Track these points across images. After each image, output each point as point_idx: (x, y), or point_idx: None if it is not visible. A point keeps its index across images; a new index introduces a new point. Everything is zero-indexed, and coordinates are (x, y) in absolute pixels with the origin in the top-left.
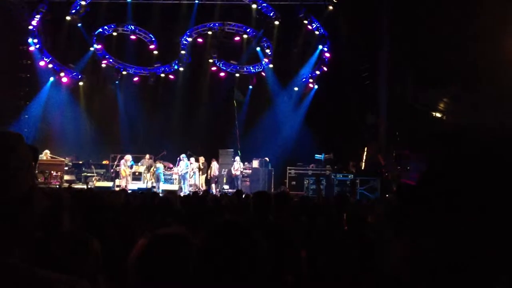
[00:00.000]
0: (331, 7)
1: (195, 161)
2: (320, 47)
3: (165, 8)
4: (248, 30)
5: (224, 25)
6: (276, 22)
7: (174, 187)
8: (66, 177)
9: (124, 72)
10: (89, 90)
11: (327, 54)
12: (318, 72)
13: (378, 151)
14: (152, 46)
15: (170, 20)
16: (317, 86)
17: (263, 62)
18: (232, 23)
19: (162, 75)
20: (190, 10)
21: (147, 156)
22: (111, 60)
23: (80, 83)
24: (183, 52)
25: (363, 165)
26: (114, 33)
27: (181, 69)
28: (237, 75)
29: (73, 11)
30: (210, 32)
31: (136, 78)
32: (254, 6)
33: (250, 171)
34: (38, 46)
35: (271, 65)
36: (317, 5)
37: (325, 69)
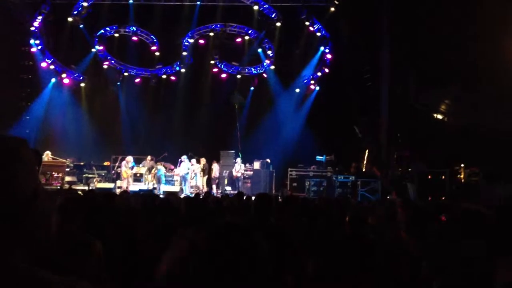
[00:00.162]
0: (332, 9)
1: (197, 163)
2: (322, 48)
3: (167, 10)
4: (249, 32)
5: (225, 27)
6: (278, 24)
7: (175, 188)
8: (67, 178)
9: (126, 74)
10: (91, 92)
11: (329, 56)
12: (319, 74)
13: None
14: (153, 48)
15: (172, 22)
16: (318, 88)
17: (265, 64)
18: (233, 25)
19: (164, 76)
20: (192, 12)
21: (149, 157)
22: (112, 62)
23: (82, 84)
24: (184, 53)
25: (364, 167)
26: (116, 35)
27: (183, 70)
28: (238, 76)
29: (75, 12)
30: (211, 34)
31: (137, 80)
32: (255, 7)
33: (251, 172)
34: (40, 47)
35: (272, 67)
36: (318, 6)
37: (326, 70)
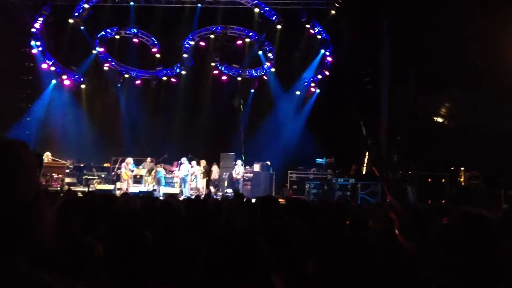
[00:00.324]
0: (333, 12)
1: (197, 165)
2: (322, 51)
3: (168, 12)
4: (250, 34)
5: (226, 29)
6: (279, 26)
7: (175, 190)
8: (67, 180)
9: (126, 75)
10: (91, 93)
11: (329, 58)
12: (320, 76)
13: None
14: (154, 49)
15: (173, 24)
16: (319, 90)
17: (265, 66)
18: (234, 27)
19: (164, 78)
20: (193, 14)
21: (149, 159)
22: (113, 63)
23: (82, 85)
24: (185, 55)
25: (364, 170)
26: (117, 36)
27: (183, 72)
28: (239, 78)
29: (76, 14)
30: (212, 36)
31: (138, 81)
32: (256, 10)
33: (251, 174)
34: (40, 48)
35: (273, 69)
36: (319, 9)
37: (327, 73)
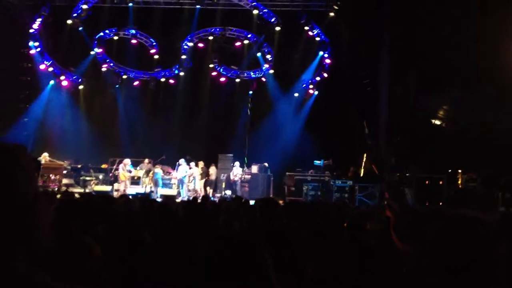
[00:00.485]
0: (332, 14)
1: (195, 166)
2: (321, 53)
3: (167, 13)
4: (249, 36)
5: (225, 30)
6: (277, 28)
7: (173, 191)
8: (64, 181)
9: (125, 76)
10: (89, 94)
11: (328, 60)
12: (318, 78)
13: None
14: (153, 51)
15: (171, 25)
16: (317, 92)
17: (264, 68)
18: (233, 29)
19: (163, 79)
20: (192, 15)
21: (146, 160)
22: (111, 64)
23: (80, 86)
24: (184, 56)
25: (362, 172)
26: (115, 37)
27: (182, 73)
28: (237, 80)
29: (75, 14)
30: (211, 37)
31: (136, 82)
32: (255, 11)
33: (249, 176)
34: (39, 49)
35: (271, 71)
36: (318, 11)
37: (325, 75)
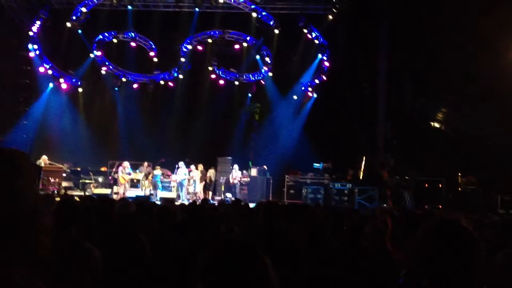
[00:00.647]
0: (330, 17)
1: (195, 169)
2: (320, 56)
3: (165, 16)
4: (248, 38)
5: (224, 33)
6: (276, 31)
7: (172, 194)
8: (64, 184)
9: (124, 79)
10: (89, 97)
11: (327, 63)
12: (317, 81)
13: (380, 164)
14: (152, 53)
15: (170, 28)
16: (316, 95)
17: (263, 71)
18: (232, 31)
19: (162, 82)
20: (190, 18)
21: (146, 163)
22: (111, 67)
23: (80, 89)
24: (182, 59)
25: (361, 175)
26: (114, 40)
27: (181, 76)
28: (236, 83)
29: (74, 17)
30: (210, 40)
31: (135, 85)
32: (254, 14)
33: (248, 179)
34: (38, 52)
35: (270, 74)
36: (317, 14)
37: (324, 78)
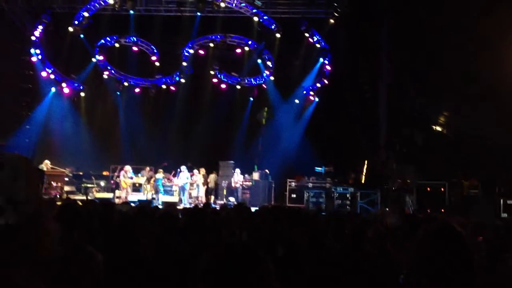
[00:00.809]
0: (332, 21)
1: (198, 173)
2: (321, 60)
3: (167, 20)
4: (249, 43)
5: (225, 37)
6: (278, 35)
7: (174, 198)
8: (66, 188)
9: (126, 83)
10: (91, 101)
11: (328, 67)
12: (319, 85)
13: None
14: (154, 58)
15: (172, 32)
16: (318, 99)
17: (264, 74)
18: (233, 35)
19: (164, 86)
20: (192, 22)
21: (147, 168)
22: (112, 71)
23: (82, 93)
24: (184, 63)
25: (363, 178)
26: (116, 45)
27: (183, 80)
28: (238, 87)
29: (76, 22)
30: (211, 44)
31: (137, 89)
32: (255, 18)
33: (250, 183)
34: (40, 56)
35: (272, 78)
36: (318, 18)
37: (326, 81)
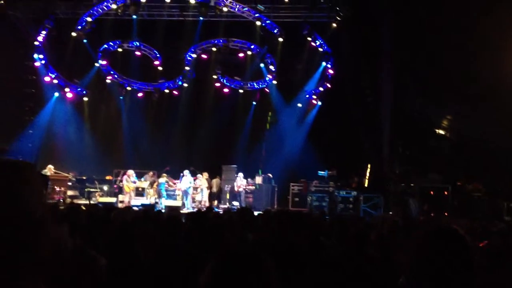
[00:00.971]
0: (334, 25)
1: (202, 177)
2: (324, 63)
3: (170, 25)
4: (252, 47)
5: (228, 42)
6: (280, 39)
7: (177, 203)
8: (69, 193)
9: (129, 88)
10: (94, 106)
11: (331, 71)
12: (321, 89)
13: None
14: (156, 62)
15: (175, 37)
16: (320, 103)
17: (267, 78)
18: (236, 40)
19: (166, 90)
20: (195, 27)
21: (151, 173)
22: (115, 76)
23: (85, 98)
24: (187, 68)
25: (366, 182)
26: (119, 49)
27: (185, 85)
28: (241, 91)
29: (79, 27)
30: (214, 49)
31: (140, 94)
32: (258, 23)
33: (253, 187)
34: (43, 61)
35: (274, 81)
36: (320, 22)
37: (328, 85)
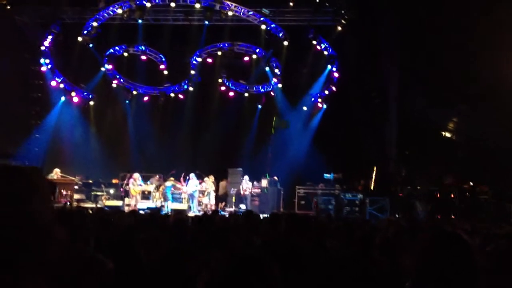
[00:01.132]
0: (339, 28)
1: (209, 180)
2: (329, 67)
3: (175, 29)
4: (257, 50)
5: (233, 45)
6: (285, 43)
7: (183, 206)
8: (75, 196)
9: (135, 92)
10: (100, 110)
11: (336, 74)
12: (327, 92)
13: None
14: (162, 66)
15: (180, 41)
16: (326, 106)
17: (272, 82)
18: (241, 43)
19: (172, 94)
20: (200, 31)
21: (157, 176)
22: (121, 80)
23: (91, 102)
24: (192, 72)
25: (372, 185)
26: (125, 54)
27: (191, 88)
28: (246, 94)
29: (85, 32)
30: (219, 52)
31: (146, 98)
32: (263, 26)
33: (259, 190)
34: (49, 66)
35: (280, 85)
36: (325, 26)
37: (334, 88)
